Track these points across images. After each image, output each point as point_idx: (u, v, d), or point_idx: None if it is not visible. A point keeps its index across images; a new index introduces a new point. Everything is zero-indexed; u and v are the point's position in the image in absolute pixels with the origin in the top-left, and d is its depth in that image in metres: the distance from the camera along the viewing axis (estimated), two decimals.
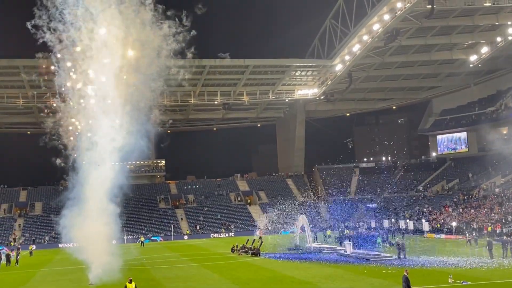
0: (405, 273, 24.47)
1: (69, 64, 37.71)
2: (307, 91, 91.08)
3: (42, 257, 60.35)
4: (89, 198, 36.31)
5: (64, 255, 55.36)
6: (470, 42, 78.13)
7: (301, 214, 61.64)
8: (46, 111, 45.96)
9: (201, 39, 37.05)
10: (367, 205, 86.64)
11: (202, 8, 37.98)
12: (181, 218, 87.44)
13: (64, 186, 39.17)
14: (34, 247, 68.77)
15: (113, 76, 36.60)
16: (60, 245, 71.23)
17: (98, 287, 33.34)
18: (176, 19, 36.48)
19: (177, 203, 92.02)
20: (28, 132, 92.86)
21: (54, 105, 44.16)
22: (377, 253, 45.45)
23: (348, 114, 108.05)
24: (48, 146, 40.69)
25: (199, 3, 37.64)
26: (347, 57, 78.50)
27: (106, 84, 36.72)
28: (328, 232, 69.68)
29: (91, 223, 35.78)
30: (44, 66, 41.28)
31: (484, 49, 78.00)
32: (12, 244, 73.83)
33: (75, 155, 39.22)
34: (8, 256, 55.75)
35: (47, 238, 78.16)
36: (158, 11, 36.01)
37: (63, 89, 39.07)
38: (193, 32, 36.58)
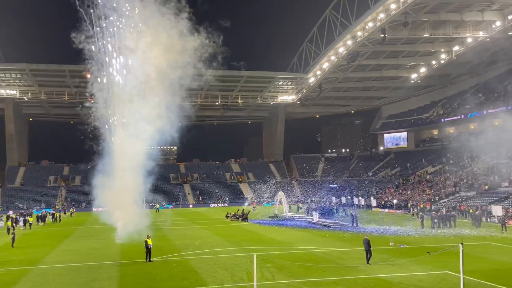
0: (366, 237, 24.46)
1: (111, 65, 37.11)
2: (287, 97, 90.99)
3: (80, 218, 60.12)
4: (117, 173, 36.18)
5: (96, 217, 55.21)
6: (412, 63, 78.30)
7: (279, 190, 61.84)
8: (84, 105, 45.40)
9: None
10: (330, 185, 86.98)
11: (226, 22, 37.15)
12: (188, 193, 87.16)
13: (92, 164, 38.99)
14: (74, 210, 68.41)
15: (148, 75, 36.00)
16: (94, 209, 70.85)
17: (124, 242, 33.23)
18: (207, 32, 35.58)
19: (185, 180, 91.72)
20: (72, 122, 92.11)
21: (92, 101, 43.91)
22: (336, 221, 45.69)
23: (317, 116, 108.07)
24: (86, 132, 40.65)
25: (223, 18, 36.80)
26: (318, 72, 78.42)
27: (143, 82, 36.16)
28: (300, 204, 69.89)
29: (119, 192, 35.67)
30: (86, 72, 40.91)
31: (422, 69, 78.22)
32: (57, 207, 73.36)
33: (105, 140, 39.02)
34: (54, 216, 55.58)
35: (84, 203, 77.72)
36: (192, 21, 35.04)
37: (98, 91, 38.67)
38: (222, 47, 35.97)
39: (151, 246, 25.57)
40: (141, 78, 35.74)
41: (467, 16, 59.28)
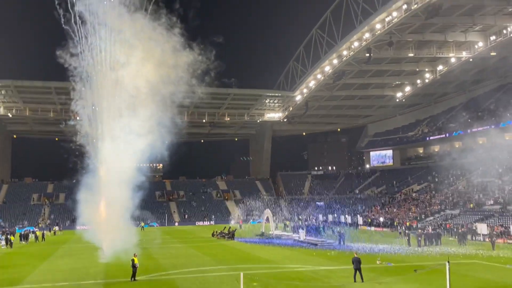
0: (355, 256, 24.31)
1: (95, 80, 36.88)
2: (274, 115, 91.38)
3: (63, 236, 59.18)
4: (104, 190, 35.78)
5: (80, 235, 54.40)
6: (397, 82, 79.35)
7: (266, 208, 61.59)
8: (69, 122, 44.84)
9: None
10: (317, 203, 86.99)
11: (219, 38, 37.08)
12: (174, 211, 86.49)
13: (76, 181, 38.58)
14: (57, 228, 67.35)
15: (137, 90, 35.75)
16: (78, 227, 69.64)
17: (109, 261, 32.74)
18: (200, 49, 35.47)
19: (171, 197, 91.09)
20: (56, 139, 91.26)
21: (77, 118, 43.52)
22: (323, 239, 45.56)
23: (304, 134, 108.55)
24: (71, 149, 40.22)
25: (216, 35, 36.71)
26: (305, 90, 79.00)
27: (133, 97, 35.91)
28: (287, 222, 69.58)
29: (103, 210, 35.25)
30: (71, 88, 40.52)
31: (407, 88, 79.28)
32: (40, 225, 72.18)
33: (90, 156, 38.62)
34: (35, 234, 54.70)
35: (68, 222, 76.59)
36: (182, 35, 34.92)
37: (83, 108, 38.43)
38: (215, 63, 35.91)
39: (138, 265, 25.24)
40: (129, 93, 35.53)
41: (451, 36, 60.50)
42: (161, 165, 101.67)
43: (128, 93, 35.61)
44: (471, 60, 64.43)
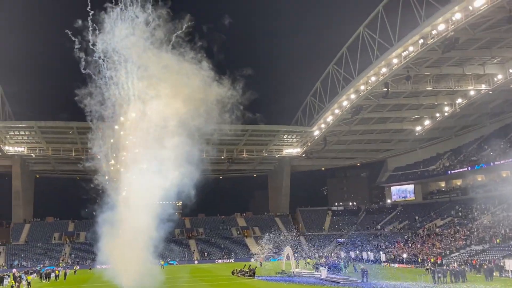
0: None
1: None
2: (292, 150, 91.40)
3: (84, 276, 59.09)
4: (124, 228, 35.92)
5: (100, 274, 54.27)
6: (416, 116, 78.98)
7: (286, 245, 60.92)
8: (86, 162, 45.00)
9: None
10: (337, 239, 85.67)
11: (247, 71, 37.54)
12: (193, 249, 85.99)
13: (97, 219, 38.83)
14: (78, 267, 67.37)
15: (161, 127, 36.09)
16: (98, 266, 69.49)
17: None
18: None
19: (190, 235, 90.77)
20: (78, 177, 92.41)
21: (99, 157, 44.10)
22: (346, 277, 44.65)
23: (323, 168, 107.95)
24: (92, 187, 40.61)
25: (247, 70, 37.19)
26: (323, 125, 79.12)
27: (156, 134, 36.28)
28: (308, 260, 68.56)
29: (123, 249, 35.26)
30: (93, 128, 41.22)
31: (427, 122, 78.82)
32: (61, 264, 72.32)
33: (110, 194, 38.92)
34: (56, 273, 54.77)
35: (88, 260, 76.57)
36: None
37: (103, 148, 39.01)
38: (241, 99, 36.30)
39: None
40: (152, 129, 36.01)
41: (469, 69, 60.45)
42: (180, 202, 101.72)
43: (151, 129, 36.10)
44: (490, 92, 64.04)
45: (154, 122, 36.15)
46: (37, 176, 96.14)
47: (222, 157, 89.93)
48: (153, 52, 35.40)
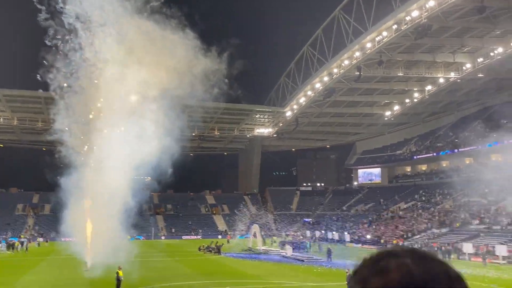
0: (348, 273, 24.29)
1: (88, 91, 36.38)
2: (264, 130, 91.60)
3: (47, 248, 58.40)
4: (90, 202, 35.48)
5: (65, 247, 53.69)
6: (386, 101, 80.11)
7: (254, 223, 61.55)
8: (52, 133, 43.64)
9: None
10: (304, 219, 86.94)
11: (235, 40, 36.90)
12: (161, 226, 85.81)
13: (62, 192, 37.95)
14: (41, 239, 66.49)
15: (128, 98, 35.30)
16: (63, 239, 68.65)
17: (93, 274, 32.34)
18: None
19: (158, 211, 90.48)
20: (44, 149, 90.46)
21: (66, 128, 43.01)
22: (310, 255, 45.54)
23: (293, 149, 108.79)
24: (58, 159, 39.72)
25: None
26: (295, 106, 79.44)
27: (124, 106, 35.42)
28: (274, 238, 69.47)
29: (89, 222, 34.92)
30: (60, 97, 39.90)
31: (396, 107, 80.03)
32: (22, 236, 71.15)
33: (77, 167, 38.15)
34: (14, 245, 53.95)
35: (53, 233, 75.52)
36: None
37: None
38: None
39: (122, 278, 25.02)
40: (124, 99, 35.22)
41: (439, 57, 61.44)
42: (149, 177, 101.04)
43: (124, 98, 35.30)
44: (459, 81, 65.40)
45: (128, 90, 35.28)
46: (1, 145, 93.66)
47: (193, 134, 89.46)
48: (132, 17, 34.26)
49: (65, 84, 36.66)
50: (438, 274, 0.96)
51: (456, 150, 70.17)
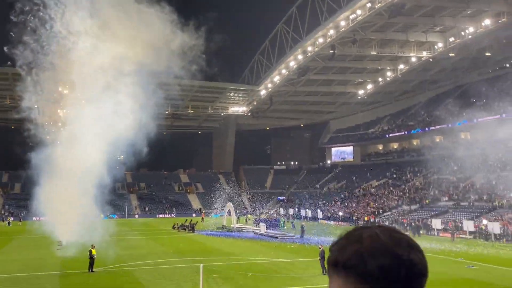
0: (321, 248, 24.70)
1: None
2: (238, 108, 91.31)
3: (18, 227, 57.45)
4: (61, 180, 34.89)
5: (37, 226, 52.92)
6: (359, 80, 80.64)
7: (228, 202, 61.74)
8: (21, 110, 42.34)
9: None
10: (278, 197, 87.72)
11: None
12: (135, 205, 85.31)
13: (33, 171, 36.99)
14: (12, 219, 65.33)
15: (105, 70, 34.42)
16: (34, 218, 67.63)
17: (66, 253, 32.02)
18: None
19: (132, 189, 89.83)
20: (12, 126, 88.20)
21: (36, 106, 41.93)
22: (284, 233, 46.07)
23: (267, 128, 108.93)
24: (28, 137, 38.83)
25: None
26: (269, 85, 79.25)
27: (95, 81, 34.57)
28: (249, 216, 69.98)
29: (61, 201, 34.39)
30: (28, 73, 38.64)
31: (369, 86, 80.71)
32: None
33: (48, 145, 37.38)
34: None
35: (23, 212, 74.28)
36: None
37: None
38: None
39: (95, 256, 24.86)
40: (95, 74, 34.28)
41: (412, 36, 61.94)
42: (122, 156, 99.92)
43: (98, 72, 34.39)
44: (431, 60, 66.23)
45: (99, 65, 34.36)
46: None
47: (167, 112, 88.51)
48: None
49: (33, 60, 35.54)
50: (400, 240, 1.23)
51: (427, 129, 71.47)
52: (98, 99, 34.46)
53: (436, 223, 46.93)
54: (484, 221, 44.19)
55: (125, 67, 34.05)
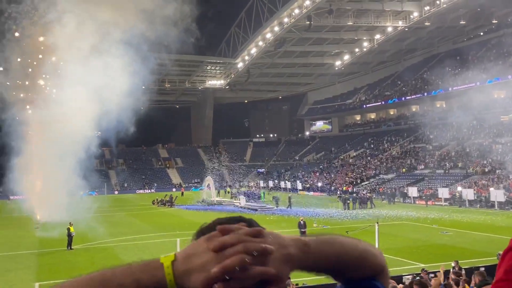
0: (301, 221, 25.19)
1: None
2: (216, 82, 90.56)
3: None
4: (38, 158, 34.38)
5: (13, 205, 52.27)
6: (336, 51, 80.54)
7: (208, 175, 61.80)
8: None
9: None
10: (258, 169, 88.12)
11: None
12: (114, 182, 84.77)
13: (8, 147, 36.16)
14: None
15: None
16: (11, 197, 66.71)
17: (44, 231, 31.76)
18: None
19: (110, 166, 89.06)
20: None
21: (8, 83, 40.81)
22: (263, 205, 46.46)
23: (246, 101, 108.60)
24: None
25: None
26: (246, 57, 78.61)
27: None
28: (228, 189, 70.27)
29: (38, 178, 33.99)
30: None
31: (346, 57, 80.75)
32: None
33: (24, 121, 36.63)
34: None
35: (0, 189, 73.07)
36: None
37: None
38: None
39: (74, 234, 24.73)
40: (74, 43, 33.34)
41: (388, 5, 61.82)
42: (99, 132, 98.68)
43: (63, 50, 33.60)
44: (406, 29, 66.36)
45: (71, 37, 33.38)
46: None
47: (143, 86, 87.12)
48: None
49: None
50: (236, 218, 1.16)
51: (403, 98, 72.12)
52: (72, 74, 33.72)
53: (413, 191, 47.86)
54: (459, 188, 45.24)
55: (96, 38, 33.23)
